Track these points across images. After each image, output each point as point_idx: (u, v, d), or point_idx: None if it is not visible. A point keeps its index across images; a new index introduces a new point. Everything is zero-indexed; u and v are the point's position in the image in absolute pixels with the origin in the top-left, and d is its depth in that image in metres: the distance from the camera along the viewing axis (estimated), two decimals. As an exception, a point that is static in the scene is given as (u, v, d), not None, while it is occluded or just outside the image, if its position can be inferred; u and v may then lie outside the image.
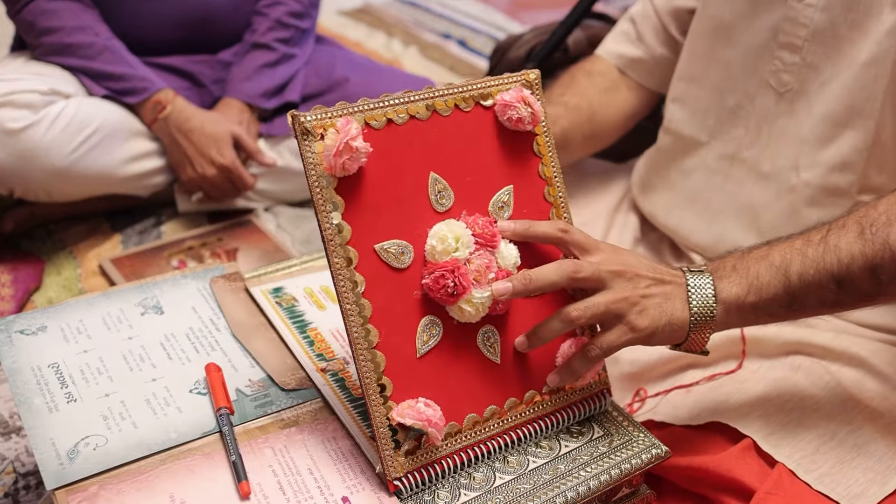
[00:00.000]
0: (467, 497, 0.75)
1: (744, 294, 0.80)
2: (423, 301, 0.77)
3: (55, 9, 1.52)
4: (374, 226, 0.76)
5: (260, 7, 1.72)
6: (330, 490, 0.74)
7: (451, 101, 0.80)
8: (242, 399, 0.84)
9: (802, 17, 0.97)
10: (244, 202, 1.70)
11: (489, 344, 0.80)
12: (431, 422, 0.73)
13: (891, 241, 0.75)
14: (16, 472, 1.07)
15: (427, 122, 0.79)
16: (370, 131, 0.76)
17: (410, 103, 0.78)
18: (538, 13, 2.99)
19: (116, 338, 0.92)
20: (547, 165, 0.85)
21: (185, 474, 0.75)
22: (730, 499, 0.84)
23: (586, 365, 0.80)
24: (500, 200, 0.82)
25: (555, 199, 0.86)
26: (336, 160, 0.72)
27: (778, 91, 1.01)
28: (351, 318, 0.73)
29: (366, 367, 0.74)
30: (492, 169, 0.82)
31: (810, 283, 0.78)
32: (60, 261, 1.54)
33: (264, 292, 0.99)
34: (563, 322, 0.78)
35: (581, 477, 0.78)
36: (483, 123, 0.83)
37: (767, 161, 1.03)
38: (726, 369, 0.97)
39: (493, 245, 0.79)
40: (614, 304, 0.78)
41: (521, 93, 0.82)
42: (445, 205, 0.79)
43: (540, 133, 0.85)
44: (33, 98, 1.43)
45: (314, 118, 0.73)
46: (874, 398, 0.90)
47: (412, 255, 0.77)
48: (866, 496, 0.82)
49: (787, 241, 0.82)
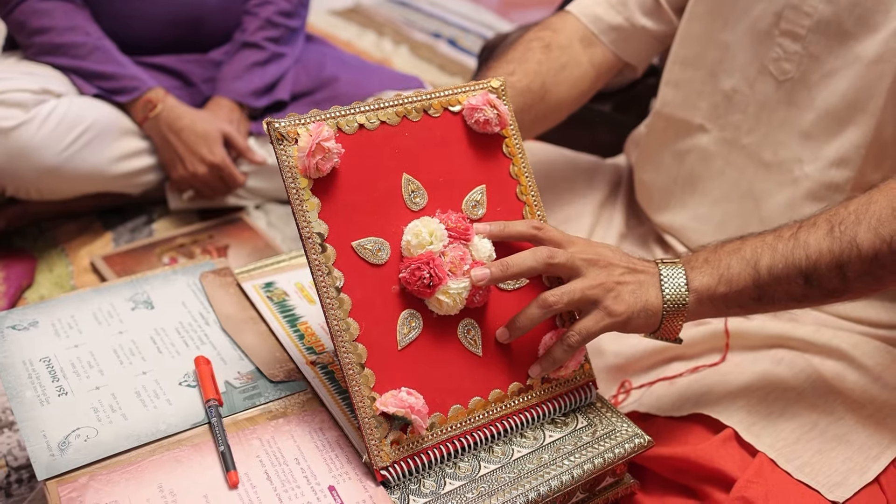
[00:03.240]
0: (452, 486, 0.76)
1: (714, 284, 0.82)
2: (402, 295, 0.80)
3: (46, 9, 1.53)
4: (350, 224, 0.78)
5: (250, 6, 1.73)
6: (317, 479, 0.75)
7: (420, 107, 0.84)
8: (231, 391, 0.85)
9: (807, 5, 0.96)
10: (235, 200, 1.71)
11: (470, 337, 0.82)
12: (414, 409, 0.75)
13: (858, 240, 0.77)
14: (8, 465, 1.08)
15: (397, 128, 0.82)
16: (342, 136, 0.79)
17: (380, 110, 0.82)
18: (527, 12, 3.00)
19: (107, 332, 0.93)
20: (517, 166, 0.88)
21: (174, 464, 0.76)
22: (712, 488, 0.85)
23: (567, 352, 0.82)
24: (473, 199, 0.85)
25: (527, 197, 0.88)
26: (309, 160, 0.75)
27: (778, 79, 1.01)
28: (331, 312, 0.76)
29: (348, 359, 0.76)
30: (463, 170, 0.85)
31: (779, 276, 0.80)
32: (52, 258, 1.55)
33: (256, 287, 1.00)
34: (540, 308, 0.80)
35: (565, 466, 0.79)
36: (452, 127, 0.85)
37: (769, 150, 1.03)
38: (710, 362, 0.98)
39: (466, 238, 0.81)
40: (590, 290, 0.80)
41: (486, 96, 0.86)
42: (419, 204, 0.82)
43: (509, 135, 0.88)
44: (24, 97, 1.43)
45: (287, 124, 0.76)
46: (855, 389, 0.91)
47: (389, 252, 0.80)
48: (846, 485, 0.82)
49: (760, 236, 0.83)
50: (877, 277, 0.78)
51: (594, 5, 1.15)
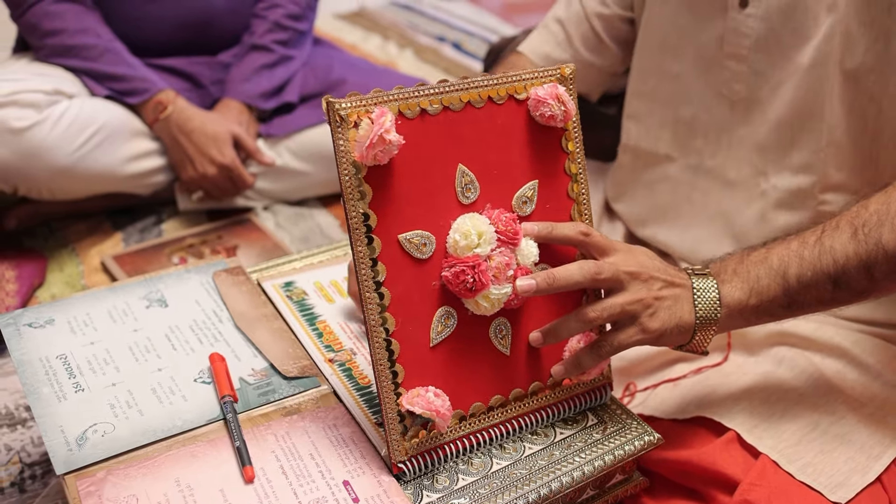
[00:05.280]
0: (465, 481, 0.78)
1: (746, 298, 0.82)
2: (441, 291, 0.78)
3: (58, 11, 1.54)
4: (399, 216, 0.76)
5: (258, 10, 1.74)
6: (331, 474, 0.77)
7: (485, 93, 0.80)
8: (245, 388, 0.86)
9: (744, 27, 0.99)
10: (243, 201, 1.72)
11: (500, 336, 0.82)
12: (440, 413, 0.75)
13: (883, 241, 0.78)
14: (22, 462, 1.09)
15: (459, 114, 0.79)
16: (403, 121, 0.75)
17: (445, 94, 0.78)
18: (531, 16, 3.02)
19: (122, 330, 0.94)
20: (574, 162, 0.85)
21: (190, 459, 0.78)
22: (716, 491, 0.86)
23: (595, 360, 0.82)
24: (525, 195, 0.83)
25: (577, 195, 0.86)
26: (369, 151, 0.72)
27: (731, 99, 1.03)
28: (370, 306, 0.75)
29: (380, 355, 0.75)
30: (519, 163, 0.82)
31: (808, 284, 0.81)
32: (63, 258, 1.56)
33: (275, 286, 1.02)
34: (580, 322, 0.81)
35: (575, 462, 0.81)
36: (515, 117, 0.82)
37: (732, 169, 1.05)
38: (712, 362, 0.99)
39: (514, 243, 0.80)
40: (630, 306, 0.80)
41: (555, 90, 0.82)
42: (470, 198, 0.80)
43: (570, 129, 0.85)
44: (37, 98, 1.45)
45: (349, 105, 0.72)
46: (856, 388, 0.92)
47: (434, 247, 0.78)
48: (848, 485, 0.83)
49: (784, 242, 0.84)
50: None
51: (543, 44, 1.23)
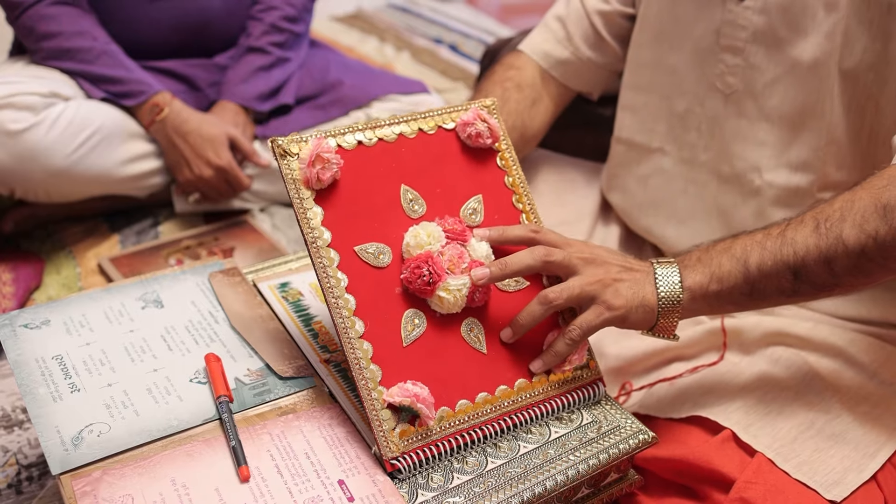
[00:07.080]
0: (460, 480, 0.78)
1: (706, 282, 0.84)
2: (405, 296, 0.83)
3: (54, 14, 1.54)
4: (352, 230, 0.83)
5: (254, 12, 1.74)
6: (326, 473, 0.77)
7: (416, 126, 0.89)
8: (241, 388, 0.86)
9: (741, 19, 1.00)
10: (240, 203, 1.72)
11: (473, 335, 0.85)
12: (419, 397, 0.77)
13: (843, 236, 0.79)
14: (18, 463, 1.09)
15: (394, 144, 0.87)
16: (342, 151, 0.84)
17: (378, 128, 0.87)
18: (528, 18, 3.02)
19: (118, 331, 0.94)
20: (512, 177, 0.93)
21: (186, 459, 0.78)
22: (711, 489, 0.86)
23: (569, 346, 0.85)
24: (471, 207, 0.89)
25: (524, 205, 0.92)
26: (310, 170, 0.81)
27: (724, 93, 1.04)
28: (336, 311, 0.79)
29: (354, 355, 0.78)
30: (460, 181, 0.90)
31: (768, 273, 0.82)
32: (60, 260, 1.56)
33: (271, 287, 1.03)
34: (541, 304, 0.83)
35: (570, 461, 0.81)
36: (447, 144, 0.91)
37: (726, 164, 1.06)
38: (708, 361, 1.00)
39: (463, 239, 0.86)
40: (589, 286, 0.83)
41: (478, 112, 0.91)
42: (418, 212, 0.87)
43: (502, 149, 0.92)
44: (34, 100, 1.44)
45: (290, 140, 0.82)
46: (851, 386, 0.92)
47: (391, 256, 0.84)
48: (843, 483, 0.84)
49: (750, 234, 0.86)
50: (865, 271, 0.80)
51: (543, 42, 1.23)
